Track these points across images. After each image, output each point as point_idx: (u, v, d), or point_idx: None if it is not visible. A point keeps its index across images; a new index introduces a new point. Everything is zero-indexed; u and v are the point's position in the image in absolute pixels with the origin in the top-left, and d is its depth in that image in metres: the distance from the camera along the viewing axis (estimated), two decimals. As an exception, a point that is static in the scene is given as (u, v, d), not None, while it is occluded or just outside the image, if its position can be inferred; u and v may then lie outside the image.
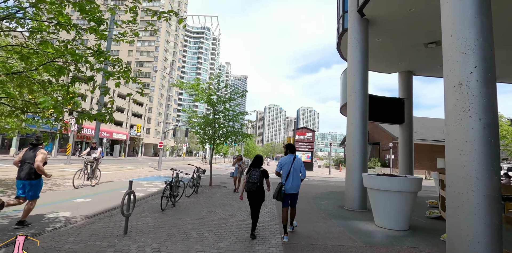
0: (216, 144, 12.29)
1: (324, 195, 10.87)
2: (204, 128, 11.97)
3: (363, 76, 8.16)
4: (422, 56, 11.15)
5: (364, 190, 7.78)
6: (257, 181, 4.70)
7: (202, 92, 11.89)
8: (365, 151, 7.96)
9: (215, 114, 12.11)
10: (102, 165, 22.75)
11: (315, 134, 36.74)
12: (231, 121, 12.32)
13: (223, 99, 12.17)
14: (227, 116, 12.14)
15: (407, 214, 5.69)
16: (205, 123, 12.03)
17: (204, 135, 12.09)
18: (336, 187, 14.69)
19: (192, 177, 9.30)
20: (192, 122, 12.44)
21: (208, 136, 11.97)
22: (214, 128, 11.87)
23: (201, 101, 12.03)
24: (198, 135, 12.13)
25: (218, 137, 12.21)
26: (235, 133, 12.01)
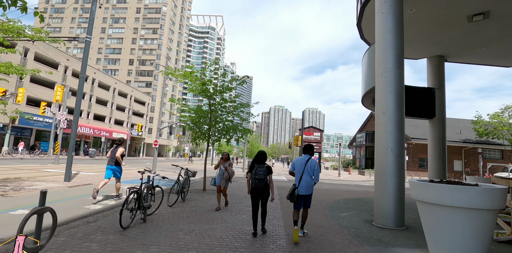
0: (213, 141, 10.44)
1: (341, 203, 8.90)
2: (197, 122, 10.14)
3: (398, 50, 6.22)
4: (461, 35, 9.15)
5: (402, 201, 5.82)
6: (264, 177, 4.64)
7: (195, 81, 10.08)
8: (402, 149, 6.01)
9: (211, 106, 10.28)
10: (92, 165, 21.10)
11: (322, 134, 34.67)
12: (230, 114, 10.45)
13: (220, 89, 10.33)
14: (225, 108, 10.28)
15: (484, 242, 3.73)
16: (198, 117, 10.21)
17: (199, 131, 10.26)
18: (352, 192, 12.68)
19: (177, 181, 7.43)
20: (184, 117, 10.61)
21: (203, 132, 10.13)
22: (210, 122, 10.02)
23: (196, 92, 10.24)
24: (191, 130, 10.30)
25: (214, 133, 10.37)
26: (234, 128, 10.15)
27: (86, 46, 11.85)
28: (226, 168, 6.93)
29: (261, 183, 4.63)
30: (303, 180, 4.77)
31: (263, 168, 4.71)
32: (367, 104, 9.06)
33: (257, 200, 4.77)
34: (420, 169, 33.86)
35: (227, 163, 7.07)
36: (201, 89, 10.05)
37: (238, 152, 68.39)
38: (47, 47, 32.94)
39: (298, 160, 4.99)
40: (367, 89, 7.53)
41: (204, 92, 10.09)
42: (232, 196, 9.30)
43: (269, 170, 4.79)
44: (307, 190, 4.77)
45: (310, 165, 4.82)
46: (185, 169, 8.06)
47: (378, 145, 6.23)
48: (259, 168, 4.71)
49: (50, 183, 10.21)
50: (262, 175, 4.63)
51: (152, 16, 65.66)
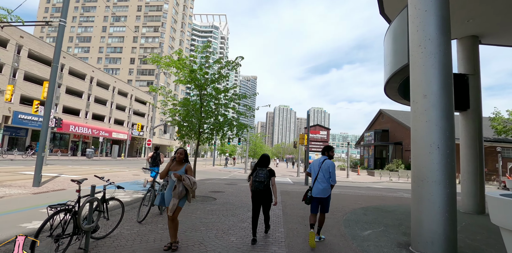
0: (203, 139, 8.85)
1: (359, 214, 7.23)
2: (186, 116, 8.56)
3: (443, 11, 4.55)
4: (505, 7, 7.41)
5: (453, 220, 4.15)
6: (264, 180, 4.54)
7: (183, 69, 8.52)
8: (453, 145, 4.35)
9: (202, 97, 8.69)
10: (83, 166, 19.55)
11: (329, 132, 32.90)
12: (222, 106, 8.84)
13: (212, 78, 8.73)
14: (217, 99, 8.68)
15: None
16: (187, 111, 8.64)
17: (187, 127, 8.67)
18: (367, 198, 10.97)
19: (151, 189, 5.81)
20: (172, 111, 9.02)
21: (193, 126, 8.54)
22: (200, 116, 8.42)
23: (184, 82, 8.67)
24: (180, 127, 8.73)
25: (205, 129, 8.78)
26: (228, 122, 8.55)
27: (60, 31, 10.37)
28: (181, 178, 3.94)
29: (261, 186, 4.53)
30: (317, 182, 4.69)
31: (264, 171, 4.62)
32: (391, 93, 7.35)
33: (257, 204, 4.67)
34: (434, 170, 31.86)
35: (182, 168, 4.11)
36: (190, 78, 8.47)
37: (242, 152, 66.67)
38: (42, 44, 31.77)
39: (315, 161, 4.91)
40: (394, 70, 5.83)
41: (194, 81, 8.50)
42: (225, 204, 7.68)
43: (271, 173, 4.66)
44: (321, 192, 4.63)
45: (325, 166, 4.68)
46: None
47: (416, 142, 4.56)
48: (260, 170, 4.65)
49: (14, 189, 8.72)
50: (263, 178, 4.55)
51: (153, 14, 64.46)
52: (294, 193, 11.34)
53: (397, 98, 7.68)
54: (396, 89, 7.03)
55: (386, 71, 6.79)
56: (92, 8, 66.23)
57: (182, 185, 3.95)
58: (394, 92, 7.20)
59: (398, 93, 7.24)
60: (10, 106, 28.60)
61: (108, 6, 63.94)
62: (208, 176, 19.02)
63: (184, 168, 4.11)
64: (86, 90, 39.41)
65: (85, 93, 39.23)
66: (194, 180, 4.05)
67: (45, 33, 66.82)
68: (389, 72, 6.33)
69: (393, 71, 5.81)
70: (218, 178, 17.33)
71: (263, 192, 4.57)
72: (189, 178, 3.97)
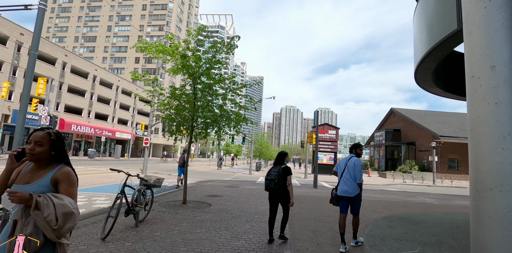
0: (196, 134, 7.64)
1: (383, 228, 5.89)
2: (177, 109, 7.36)
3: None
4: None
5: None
6: (275, 178, 4.35)
7: (173, 55, 7.35)
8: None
9: (196, 87, 7.48)
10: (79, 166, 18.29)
11: (338, 132, 31.42)
12: (222, 98, 7.61)
13: (206, 65, 7.52)
14: (211, 89, 7.45)
15: None
16: (180, 105, 7.45)
17: (178, 122, 7.47)
18: (387, 204, 9.57)
19: (120, 196, 4.56)
20: (162, 103, 7.82)
21: (185, 121, 7.34)
22: (193, 109, 7.20)
23: (177, 72, 7.50)
24: (171, 121, 7.53)
25: (199, 123, 7.56)
26: (226, 115, 7.32)
27: (39, 15, 9.26)
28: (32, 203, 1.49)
29: (272, 184, 4.40)
30: (342, 180, 4.57)
31: (277, 169, 4.46)
32: (423, 78, 5.96)
33: (274, 203, 4.56)
34: (450, 171, 30.04)
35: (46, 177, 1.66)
36: (182, 64, 7.28)
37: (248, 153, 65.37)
38: (43, 42, 31.10)
39: (342, 159, 4.86)
40: (433, 44, 4.49)
41: (186, 68, 7.30)
42: (220, 212, 6.43)
43: (286, 171, 4.47)
44: (347, 191, 4.45)
45: (351, 163, 4.54)
46: (137, 176, 5.19)
47: (478, 133, 3.23)
48: (273, 168, 4.52)
49: None
50: (274, 176, 4.40)
51: (158, 13, 63.83)
52: (302, 198, 10.03)
53: (428, 84, 6.32)
54: (430, 73, 5.67)
55: (418, 51, 5.44)
56: (97, 8, 66.01)
57: (33, 223, 1.56)
58: (426, 77, 5.83)
59: (431, 78, 5.88)
60: (9, 104, 27.98)
61: (113, 5, 63.61)
62: (209, 177, 17.84)
63: (49, 178, 1.67)
64: (89, 89, 38.74)
65: (88, 92, 38.56)
66: (69, 207, 1.55)
67: (51, 33, 66.88)
68: (425, 50, 4.98)
69: (433, 45, 4.48)
70: (220, 180, 16.12)
71: (276, 191, 4.40)
72: (54, 204, 1.52)
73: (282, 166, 4.48)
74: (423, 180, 27.11)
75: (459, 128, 32.54)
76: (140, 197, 4.97)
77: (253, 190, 11.40)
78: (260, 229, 5.20)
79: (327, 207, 8.05)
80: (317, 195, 11.17)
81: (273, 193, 4.48)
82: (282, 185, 4.37)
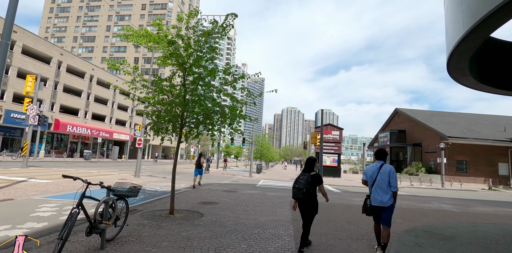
0: (186, 133, 6.60)
1: (411, 245, 4.82)
2: (164, 103, 6.33)
3: None
4: None
5: None
6: (304, 187, 4.03)
7: (160, 41, 6.37)
8: None
9: (186, 78, 6.46)
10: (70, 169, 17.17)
11: (342, 133, 30.33)
12: (217, 92, 6.57)
13: (198, 54, 6.50)
14: (203, 80, 6.42)
15: None
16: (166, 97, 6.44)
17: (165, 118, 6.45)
18: (403, 211, 8.49)
19: (74, 213, 3.44)
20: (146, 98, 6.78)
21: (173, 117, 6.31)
22: (182, 103, 6.17)
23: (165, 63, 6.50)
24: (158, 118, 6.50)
25: (189, 120, 6.53)
26: (220, 111, 6.28)
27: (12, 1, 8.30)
28: None
29: (299, 193, 4.05)
30: (375, 189, 4.28)
31: (306, 177, 4.10)
32: (459, 65, 4.90)
33: (303, 212, 4.23)
34: (458, 173, 28.87)
35: None
36: (170, 52, 6.27)
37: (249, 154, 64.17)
38: (37, 40, 30.24)
39: (370, 167, 4.49)
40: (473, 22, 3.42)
41: (175, 57, 6.29)
42: (212, 226, 5.37)
43: (316, 180, 4.12)
44: (381, 201, 4.17)
45: (384, 171, 4.25)
46: (100, 185, 4.01)
47: None
48: (301, 176, 4.17)
49: None
50: (303, 185, 4.03)
51: (157, 12, 63.04)
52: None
53: (461, 73, 5.25)
54: (467, 60, 4.62)
55: (452, 36, 4.38)
56: (96, 8, 65.32)
57: None
58: (462, 63, 4.77)
59: (467, 64, 4.82)
60: (1, 104, 27.03)
61: (112, 5, 62.87)
62: (206, 180, 16.77)
63: None
64: (86, 89, 37.82)
65: (85, 92, 37.63)
66: None
67: (49, 33, 66.18)
68: (462, 31, 3.92)
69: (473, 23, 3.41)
70: (218, 183, 15.06)
71: (304, 200, 4.12)
72: None
73: (311, 174, 4.14)
74: (431, 183, 25.96)
75: (467, 129, 31.40)
76: (107, 211, 3.91)
77: (253, 196, 10.35)
78: (260, 250, 4.15)
79: (338, 217, 6.99)
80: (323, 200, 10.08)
81: (301, 203, 4.18)
82: (311, 195, 4.07)
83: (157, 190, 10.61)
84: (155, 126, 6.42)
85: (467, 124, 33.30)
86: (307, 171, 4.25)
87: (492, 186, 26.22)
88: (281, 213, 7.14)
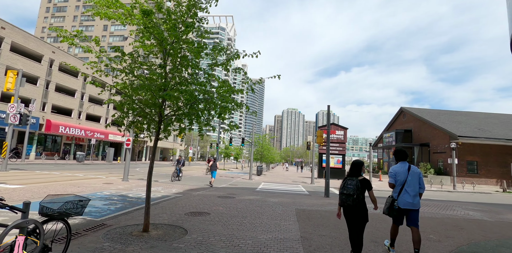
0: (165, 126, 5.23)
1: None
2: (136, 89, 4.98)
3: None
4: None
5: None
6: (354, 193, 3.74)
7: (131, 12, 5.07)
8: None
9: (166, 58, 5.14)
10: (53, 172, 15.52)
11: (346, 132, 28.93)
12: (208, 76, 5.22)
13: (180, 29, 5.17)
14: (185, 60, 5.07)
15: None
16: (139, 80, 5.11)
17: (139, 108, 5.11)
18: (430, 222, 7.08)
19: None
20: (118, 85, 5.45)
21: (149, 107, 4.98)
22: (163, 85, 4.83)
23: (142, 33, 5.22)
24: (126, 106, 5.17)
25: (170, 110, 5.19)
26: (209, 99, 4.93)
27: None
28: None
29: (349, 200, 3.76)
30: (405, 191, 4.15)
31: (355, 182, 3.81)
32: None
33: (351, 221, 3.91)
34: (469, 175, 27.42)
35: None
36: (145, 25, 4.94)
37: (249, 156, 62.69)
38: (27, 37, 28.95)
39: (398, 168, 4.35)
40: None
41: (152, 32, 4.94)
42: (194, 249, 3.98)
43: (366, 185, 3.82)
44: (411, 203, 4.11)
45: (414, 173, 4.24)
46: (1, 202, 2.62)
47: None
48: (349, 180, 3.89)
49: None
50: (352, 190, 3.75)
51: (155, 12, 61.84)
52: (317, 214, 7.56)
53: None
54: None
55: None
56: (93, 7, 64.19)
57: None
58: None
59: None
60: (-12, 104, 25.68)
61: (109, 4, 61.72)
62: (201, 183, 15.38)
63: None
64: (80, 89, 36.50)
65: (78, 91, 36.31)
66: None
67: (46, 33, 65.02)
68: None
69: None
70: (214, 187, 13.66)
71: (354, 208, 3.78)
72: None
73: (359, 178, 3.88)
74: (442, 185, 24.52)
75: (478, 128, 29.98)
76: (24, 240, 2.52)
77: (252, 203, 8.95)
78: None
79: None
80: (336, 209, 8.69)
81: (349, 210, 3.87)
82: (361, 201, 3.81)
83: (141, 196, 9.22)
84: (123, 118, 5.07)
85: (477, 123, 31.88)
86: (354, 175, 3.94)
87: (506, 188, 24.75)
88: (286, 228, 5.75)
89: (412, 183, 4.16)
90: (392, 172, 4.37)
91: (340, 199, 3.93)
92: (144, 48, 5.81)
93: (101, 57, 5.31)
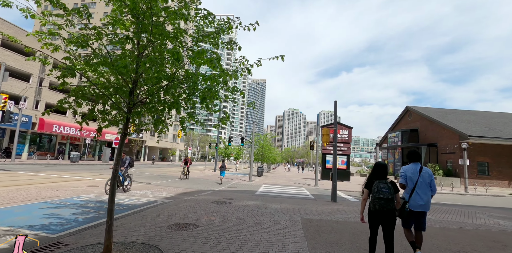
0: (135, 113, 4.08)
1: None
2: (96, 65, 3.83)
3: None
4: None
5: None
6: (392, 196, 3.60)
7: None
8: None
9: (141, 35, 4.00)
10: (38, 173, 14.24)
11: (351, 132, 27.69)
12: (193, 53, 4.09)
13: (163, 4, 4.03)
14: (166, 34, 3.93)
15: None
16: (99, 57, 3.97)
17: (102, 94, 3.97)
18: (457, 234, 5.91)
19: None
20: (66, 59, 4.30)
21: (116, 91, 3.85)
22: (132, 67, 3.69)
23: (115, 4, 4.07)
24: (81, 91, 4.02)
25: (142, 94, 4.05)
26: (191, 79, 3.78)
27: None
28: None
29: (389, 205, 3.57)
30: (416, 193, 4.07)
31: (388, 185, 3.63)
32: None
33: (377, 226, 3.74)
34: (480, 176, 26.15)
35: None
36: None
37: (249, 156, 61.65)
38: (19, 32, 27.90)
39: (409, 169, 4.24)
40: None
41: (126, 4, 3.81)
42: None
43: (396, 187, 3.73)
44: (423, 205, 4.05)
45: (427, 174, 4.15)
46: None
47: None
48: (381, 184, 3.64)
49: None
50: (388, 194, 3.57)
51: (154, 9, 60.86)
52: (327, 226, 6.37)
53: None
54: None
55: None
56: (91, 5, 63.23)
57: None
58: None
59: None
60: (-23, 101, 24.57)
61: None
62: (197, 186, 14.19)
63: None
64: (75, 87, 35.40)
65: (74, 89, 35.20)
66: None
67: (44, 32, 64.07)
68: None
69: None
70: (209, 190, 12.48)
71: (390, 212, 3.61)
72: None
73: (389, 181, 3.69)
74: (453, 187, 23.28)
75: (488, 128, 28.71)
76: None
77: (250, 210, 7.77)
78: None
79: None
80: (348, 218, 7.49)
81: (385, 215, 3.59)
82: (394, 205, 3.65)
83: (122, 203, 8.05)
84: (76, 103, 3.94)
85: (486, 123, 30.60)
86: (383, 177, 3.77)
87: (521, 191, 23.45)
88: (292, 246, 4.57)
89: (423, 185, 4.09)
90: (403, 172, 4.27)
91: (377, 204, 3.60)
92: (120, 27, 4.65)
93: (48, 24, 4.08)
